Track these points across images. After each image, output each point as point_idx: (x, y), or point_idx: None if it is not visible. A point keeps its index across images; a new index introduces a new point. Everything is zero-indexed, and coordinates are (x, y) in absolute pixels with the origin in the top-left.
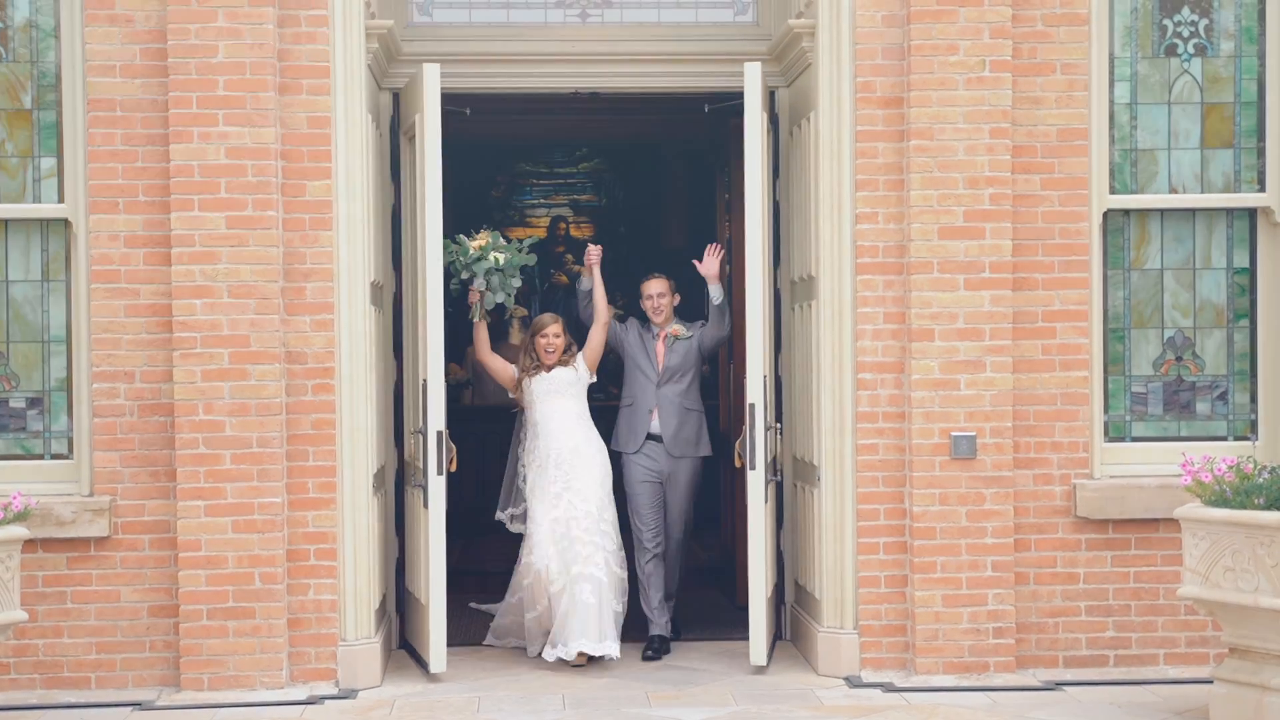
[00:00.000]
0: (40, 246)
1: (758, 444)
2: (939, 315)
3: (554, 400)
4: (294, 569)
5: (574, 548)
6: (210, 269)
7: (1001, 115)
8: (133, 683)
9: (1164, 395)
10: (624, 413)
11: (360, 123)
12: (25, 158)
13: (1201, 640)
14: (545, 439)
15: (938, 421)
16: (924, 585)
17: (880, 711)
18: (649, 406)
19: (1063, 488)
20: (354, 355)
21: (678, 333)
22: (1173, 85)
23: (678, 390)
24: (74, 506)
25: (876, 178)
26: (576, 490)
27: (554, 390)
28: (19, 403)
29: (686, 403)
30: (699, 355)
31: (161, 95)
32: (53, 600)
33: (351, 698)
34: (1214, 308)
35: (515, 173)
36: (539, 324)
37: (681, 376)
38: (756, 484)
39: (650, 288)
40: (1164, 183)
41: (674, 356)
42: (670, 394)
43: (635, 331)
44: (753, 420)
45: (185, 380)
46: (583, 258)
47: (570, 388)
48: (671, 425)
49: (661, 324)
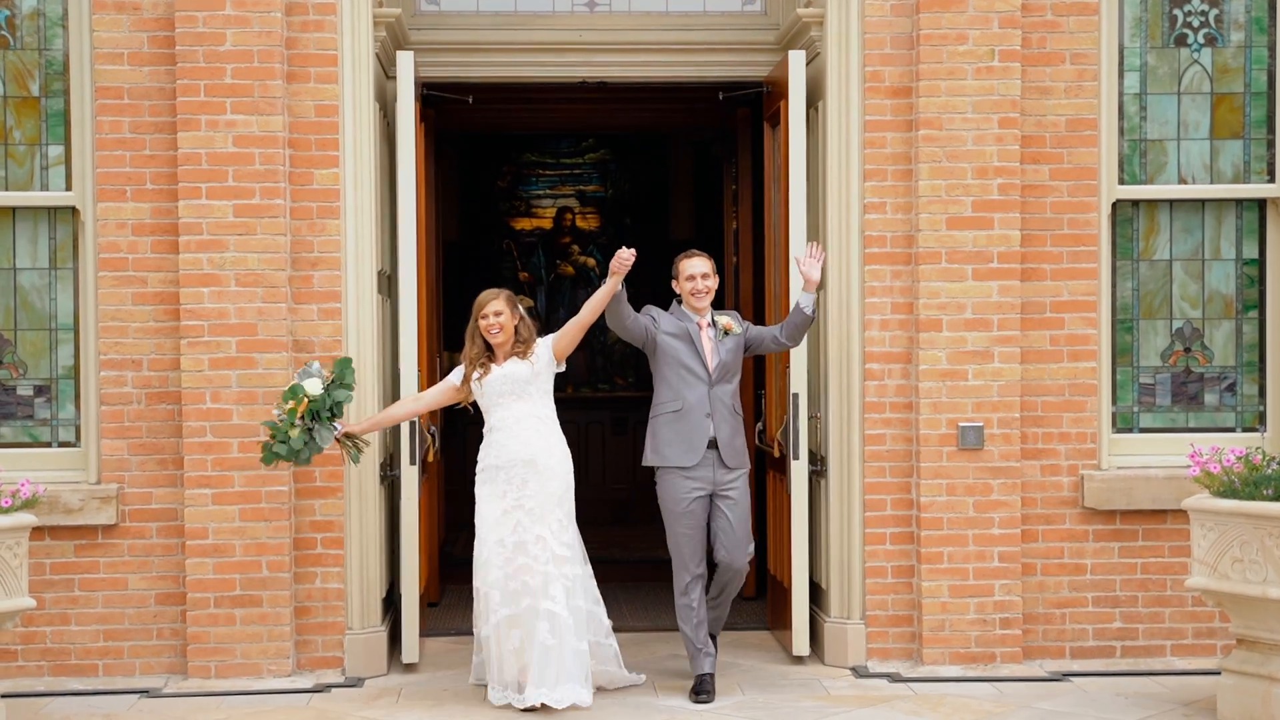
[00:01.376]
0: (48, 234)
1: (801, 434)
2: (947, 305)
3: (508, 403)
4: (301, 558)
5: (522, 576)
6: (218, 257)
7: (1010, 105)
8: (140, 670)
9: (1172, 386)
10: (667, 420)
11: (368, 111)
12: (33, 145)
13: (1209, 632)
14: (497, 447)
15: (945, 412)
16: (931, 576)
17: (887, 701)
18: (705, 411)
19: (1070, 479)
20: (361, 344)
21: (730, 328)
22: (1182, 75)
23: (728, 391)
24: (81, 494)
25: (885, 167)
26: (529, 510)
27: (508, 390)
28: (26, 390)
29: (736, 407)
30: (742, 354)
31: (169, 83)
32: (60, 588)
33: (358, 686)
34: (1223, 299)
35: (521, 163)
36: (480, 302)
37: (731, 376)
38: (800, 474)
39: (691, 266)
40: (1173, 173)
41: (725, 352)
42: (723, 396)
43: (671, 322)
44: (795, 410)
45: (193, 368)
46: (588, 248)
47: (528, 386)
48: (725, 432)
49: (702, 311)
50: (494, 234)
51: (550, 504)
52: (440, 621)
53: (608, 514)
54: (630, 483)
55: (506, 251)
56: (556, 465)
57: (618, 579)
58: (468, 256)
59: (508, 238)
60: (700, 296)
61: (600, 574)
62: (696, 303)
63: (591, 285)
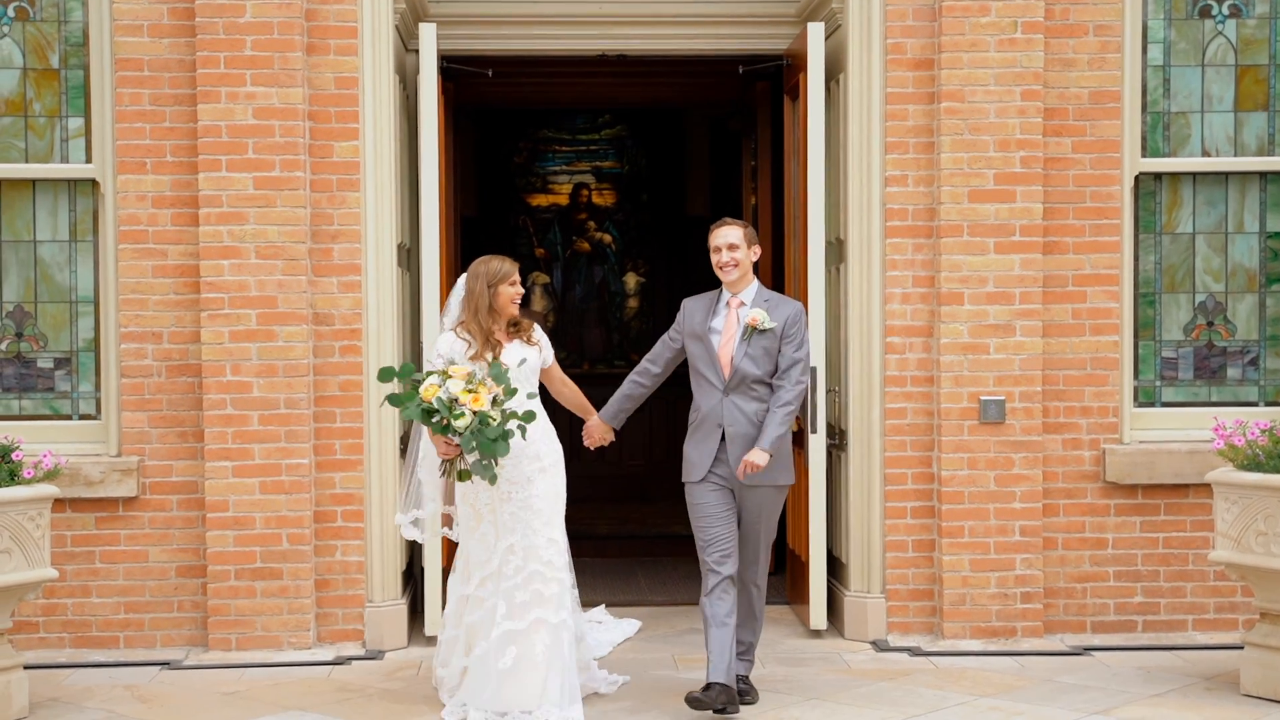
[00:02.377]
0: (68, 207)
1: (819, 407)
2: (968, 279)
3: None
4: (321, 530)
5: (534, 585)
6: (238, 230)
7: (1033, 77)
8: (161, 642)
9: (1194, 360)
10: (689, 430)
11: (388, 84)
12: (53, 118)
13: (1230, 606)
14: None
15: (967, 386)
16: (952, 550)
17: (908, 675)
18: (717, 421)
19: (1092, 453)
20: (381, 317)
21: (756, 322)
22: (1206, 47)
23: (753, 400)
24: (102, 467)
25: (906, 140)
26: (537, 511)
27: (519, 378)
28: (47, 363)
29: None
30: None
31: (189, 55)
32: (81, 560)
33: (378, 659)
34: (1246, 272)
35: (538, 139)
36: (503, 272)
37: (756, 382)
38: (818, 447)
39: (718, 236)
40: (1196, 146)
41: (749, 353)
42: (743, 405)
43: (697, 317)
44: (813, 383)
45: (213, 341)
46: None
47: (533, 375)
48: (738, 450)
49: (734, 288)
50: (510, 210)
51: (558, 504)
52: None
53: (625, 490)
54: (647, 459)
55: (522, 227)
56: (559, 461)
57: (635, 554)
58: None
59: (524, 214)
60: (728, 270)
61: (618, 549)
62: (725, 277)
63: (607, 262)
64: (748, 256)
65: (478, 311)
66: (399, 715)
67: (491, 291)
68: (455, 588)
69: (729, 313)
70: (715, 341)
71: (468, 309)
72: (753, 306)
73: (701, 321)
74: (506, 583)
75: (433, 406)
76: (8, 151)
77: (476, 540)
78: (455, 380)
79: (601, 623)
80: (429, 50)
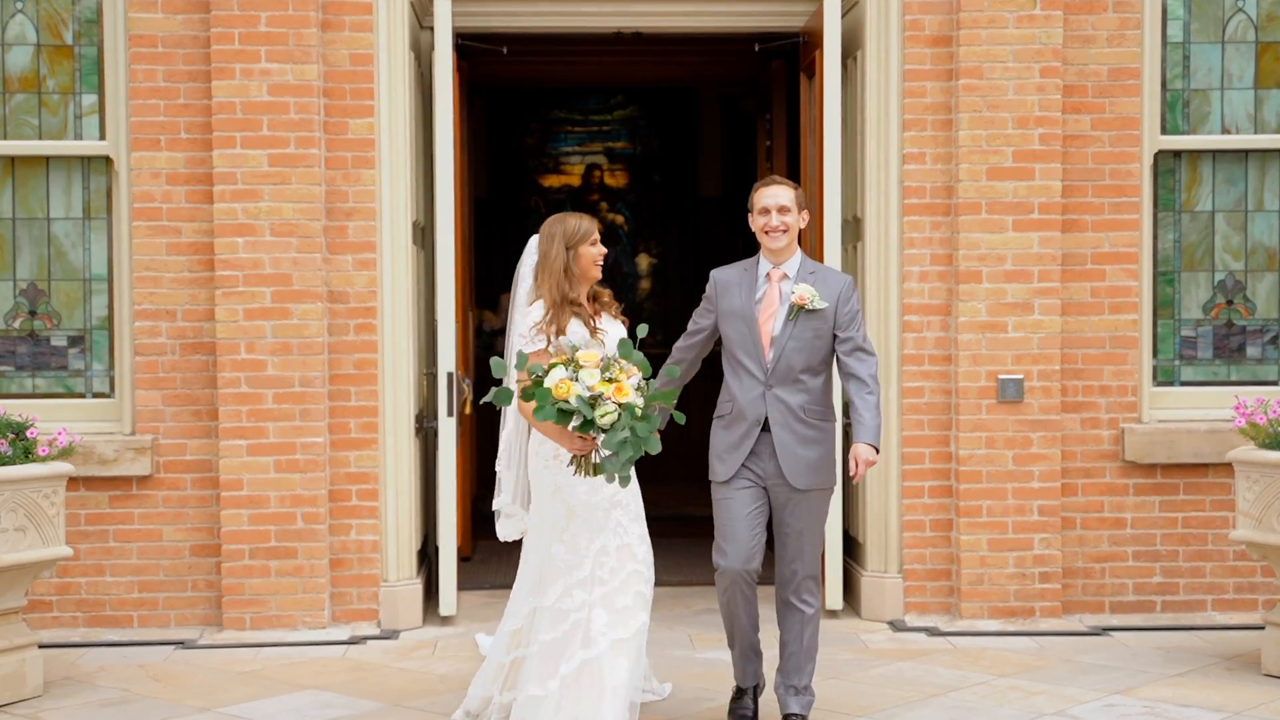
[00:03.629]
0: (81, 184)
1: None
2: (987, 257)
3: None
4: (336, 509)
5: (636, 586)
6: (252, 207)
7: (1052, 54)
8: (175, 622)
9: (1214, 339)
10: (716, 426)
11: (402, 61)
12: (66, 94)
13: (1250, 586)
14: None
15: (985, 364)
16: (969, 529)
17: (926, 655)
18: (758, 417)
19: (1111, 432)
20: (396, 295)
21: (803, 301)
22: (1226, 24)
23: (801, 393)
24: (116, 445)
25: (924, 117)
26: (625, 506)
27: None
28: (60, 341)
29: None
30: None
31: (203, 31)
32: (95, 539)
33: (394, 638)
34: (1266, 250)
35: (550, 120)
36: (583, 230)
37: (802, 373)
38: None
39: (765, 197)
40: (1216, 123)
41: (796, 337)
42: (788, 399)
43: (735, 288)
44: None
45: (227, 319)
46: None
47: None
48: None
49: (779, 257)
50: (522, 191)
51: (639, 498)
52: (474, 576)
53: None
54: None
55: (534, 209)
56: None
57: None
58: (495, 213)
59: (536, 195)
60: (776, 236)
61: None
62: (771, 243)
63: (620, 243)
64: (797, 222)
65: (555, 276)
66: (415, 695)
67: (571, 254)
68: (521, 603)
69: (769, 287)
70: (756, 319)
71: (543, 275)
72: (798, 281)
73: (743, 298)
74: (603, 588)
75: (570, 406)
76: (21, 128)
77: (565, 544)
78: (589, 370)
79: None
80: (444, 26)
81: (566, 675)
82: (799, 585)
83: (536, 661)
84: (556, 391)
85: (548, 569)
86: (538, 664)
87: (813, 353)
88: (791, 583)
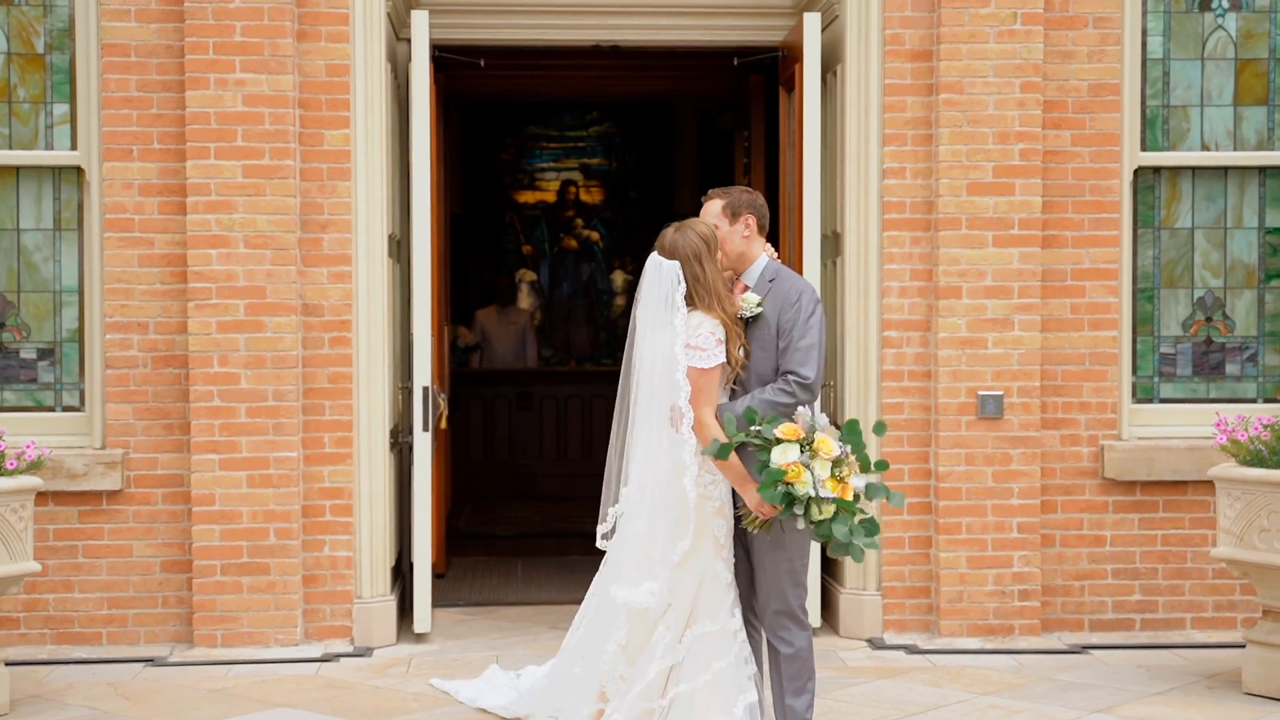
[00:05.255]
0: (52, 194)
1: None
2: (967, 272)
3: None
4: (309, 525)
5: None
6: (226, 219)
7: (1033, 69)
8: (145, 638)
9: (1193, 356)
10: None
11: (379, 72)
12: (38, 103)
13: (1229, 604)
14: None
15: (964, 380)
16: (949, 546)
17: (905, 673)
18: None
19: (1090, 449)
20: (371, 309)
21: (738, 308)
22: (1206, 40)
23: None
24: (86, 459)
25: (904, 132)
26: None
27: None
28: (30, 354)
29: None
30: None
31: (177, 40)
32: (64, 554)
33: (367, 655)
34: (1245, 267)
35: (525, 135)
36: (714, 233)
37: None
38: None
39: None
40: (1196, 140)
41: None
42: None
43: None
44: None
45: (200, 332)
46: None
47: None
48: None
49: (736, 267)
50: (497, 207)
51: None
52: (448, 593)
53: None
54: None
55: (509, 225)
56: None
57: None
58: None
59: (511, 211)
60: None
61: None
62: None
63: (595, 259)
64: (731, 232)
65: (720, 297)
66: (389, 713)
67: (718, 261)
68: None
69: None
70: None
71: (707, 298)
72: (756, 290)
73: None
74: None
75: (796, 494)
76: None
77: (724, 560)
78: (823, 462)
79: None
80: (421, 38)
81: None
82: (771, 622)
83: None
84: (791, 474)
85: (711, 589)
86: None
87: (765, 365)
88: (764, 619)
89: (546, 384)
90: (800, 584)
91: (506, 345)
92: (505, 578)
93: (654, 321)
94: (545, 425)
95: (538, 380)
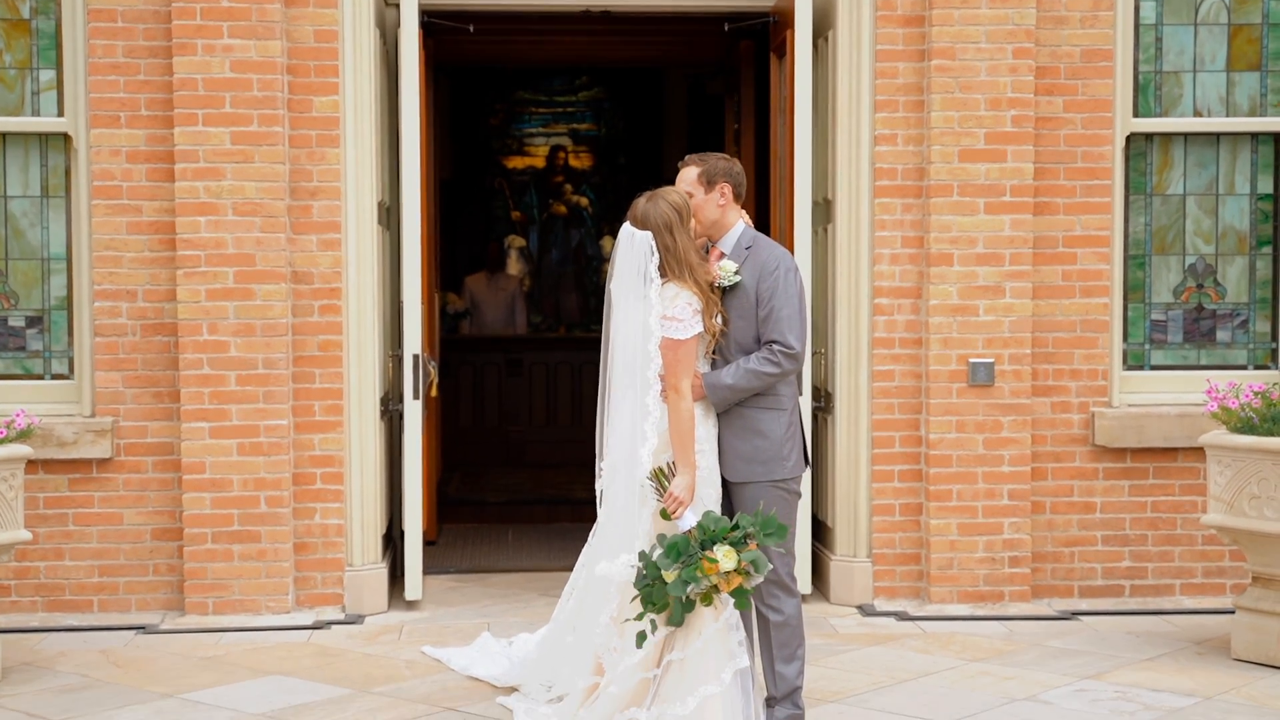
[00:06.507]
0: (39, 161)
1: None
2: (958, 239)
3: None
4: (300, 493)
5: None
6: (215, 185)
7: (1025, 35)
8: (136, 606)
9: (1184, 323)
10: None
11: (368, 38)
12: (23, 70)
13: (1219, 570)
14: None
15: (955, 348)
16: (939, 514)
17: (896, 640)
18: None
19: (1081, 416)
20: (361, 276)
21: (715, 277)
22: (1199, 6)
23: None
24: (75, 427)
25: (896, 98)
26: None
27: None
28: (18, 322)
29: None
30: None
31: (164, 6)
32: (54, 522)
33: (358, 623)
34: (1236, 234)
35: (514, 100)
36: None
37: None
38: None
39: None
40: (1188, 106)
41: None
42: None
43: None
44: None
45: (189, 299)
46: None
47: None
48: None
49: (711, 235)
50: (486, 173)
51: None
52: (439, 560)
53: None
54: None
55: (498, 190)
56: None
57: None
58: (459, 194)
59: (499, 176)
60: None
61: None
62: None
63: (584, 225)
64: (707, 200)
65: (692, 267)
66: (380, 680)
67: (690, 230)
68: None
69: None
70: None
71: (679, 269)
72: (732, 258)
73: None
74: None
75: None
76: None
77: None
78: (727, 560)
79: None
80: (410, 2)
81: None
82: (760, 590)
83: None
84: (707, 568)
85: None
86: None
87: (744, 334)
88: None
89: (536, 350)
90: (789, 551)
91: (496, 311)
92: (496, 544)
93: (628, 293)
94: (535, 391)
95: (527, 346)
